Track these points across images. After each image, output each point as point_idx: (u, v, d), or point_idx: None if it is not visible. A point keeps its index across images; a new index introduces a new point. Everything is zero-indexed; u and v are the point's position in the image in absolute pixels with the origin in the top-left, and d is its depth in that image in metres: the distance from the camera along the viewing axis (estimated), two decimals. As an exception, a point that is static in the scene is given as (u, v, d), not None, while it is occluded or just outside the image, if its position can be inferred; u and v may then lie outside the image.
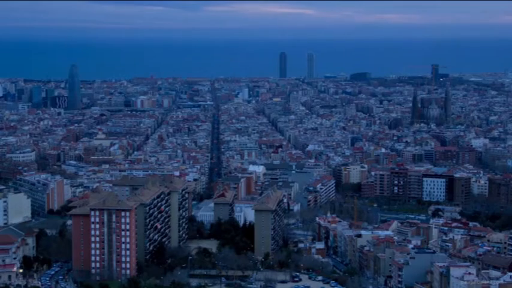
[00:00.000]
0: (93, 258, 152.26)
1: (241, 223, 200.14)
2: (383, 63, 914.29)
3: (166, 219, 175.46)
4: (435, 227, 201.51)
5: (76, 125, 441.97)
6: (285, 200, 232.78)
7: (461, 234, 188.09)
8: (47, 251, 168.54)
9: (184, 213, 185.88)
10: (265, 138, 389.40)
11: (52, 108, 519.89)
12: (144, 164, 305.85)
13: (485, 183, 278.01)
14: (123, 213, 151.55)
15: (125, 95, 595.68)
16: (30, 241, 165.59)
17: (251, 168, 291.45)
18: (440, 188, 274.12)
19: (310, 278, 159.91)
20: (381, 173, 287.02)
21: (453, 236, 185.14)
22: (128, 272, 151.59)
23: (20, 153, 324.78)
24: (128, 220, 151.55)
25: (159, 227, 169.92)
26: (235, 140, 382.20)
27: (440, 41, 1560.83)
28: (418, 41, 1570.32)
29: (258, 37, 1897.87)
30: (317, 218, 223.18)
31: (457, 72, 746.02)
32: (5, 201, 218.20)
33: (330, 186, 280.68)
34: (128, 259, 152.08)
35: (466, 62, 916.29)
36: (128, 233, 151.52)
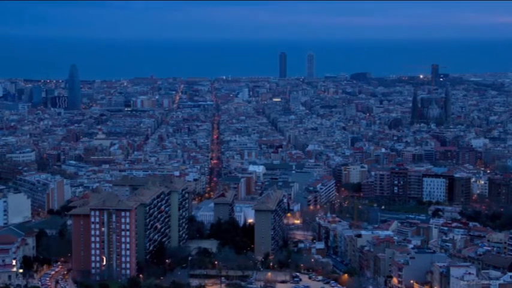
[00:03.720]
0: (93, 258, 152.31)
1: (241, 223, 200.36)
2: (383, 63, 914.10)
3: (166, 219, 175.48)
4: (435, 227, 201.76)
5: (76, 125, 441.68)
6: (285, 200, 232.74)
7: (461, 234, 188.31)
8: (47, 251, 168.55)
9: (184, 213, 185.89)
10: (265, 138, 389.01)
11: (52, 108, 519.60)
12: (144, 164, 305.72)
13: (485, 183, 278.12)
14: (123, 213, 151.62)
15: (125, 95, 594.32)
16: (30, 241, 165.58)
17: (251, 168, 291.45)
18: (440, 188, 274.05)
19: (310, 278, 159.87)
20: (381, 173, 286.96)
21: (453, 236, 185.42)
22: (128, 272, 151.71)
23: (20, 153, 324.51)
24: (128, 220, 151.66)
25: (159, 227, 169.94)
26: (235, 140, 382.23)
27: (441, 41, 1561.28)
28: (418, 41, 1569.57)
29: (257, 37, 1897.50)
30: (317, 218, 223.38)
31: (457, 72, 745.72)
32: (5, 201, 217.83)
33: (330, 186, 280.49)
34: (128, 259, 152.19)
35: (466, 62, 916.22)
36: (128, 233, 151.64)
